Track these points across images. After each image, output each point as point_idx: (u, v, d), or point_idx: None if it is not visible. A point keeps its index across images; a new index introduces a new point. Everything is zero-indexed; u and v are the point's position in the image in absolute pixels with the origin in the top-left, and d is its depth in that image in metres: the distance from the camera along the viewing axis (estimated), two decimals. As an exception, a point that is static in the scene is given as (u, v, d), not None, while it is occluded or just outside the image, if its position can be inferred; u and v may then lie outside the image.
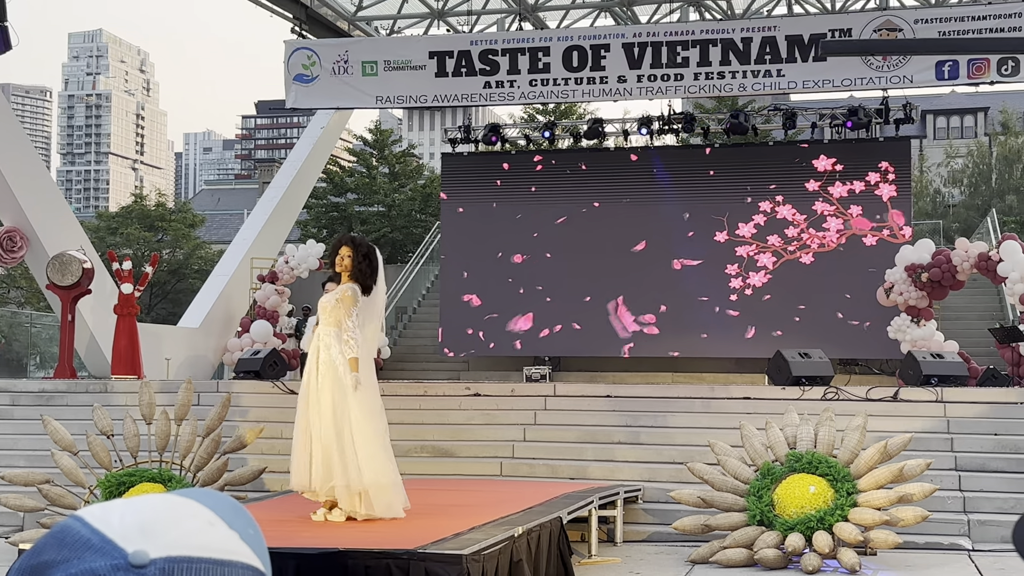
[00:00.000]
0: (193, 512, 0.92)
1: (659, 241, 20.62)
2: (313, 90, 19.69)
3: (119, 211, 45.17)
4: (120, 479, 9.39)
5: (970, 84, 18.23)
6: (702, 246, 20.46)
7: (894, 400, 12.25)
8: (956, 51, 16.44)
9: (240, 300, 20.94)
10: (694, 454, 10.61)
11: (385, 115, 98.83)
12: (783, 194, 20.22)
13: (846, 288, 19.56)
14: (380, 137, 39.09)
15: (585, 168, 21.36)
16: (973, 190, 44.43)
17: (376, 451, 7.57)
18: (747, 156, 21.10)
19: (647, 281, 20.58)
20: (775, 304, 20.01)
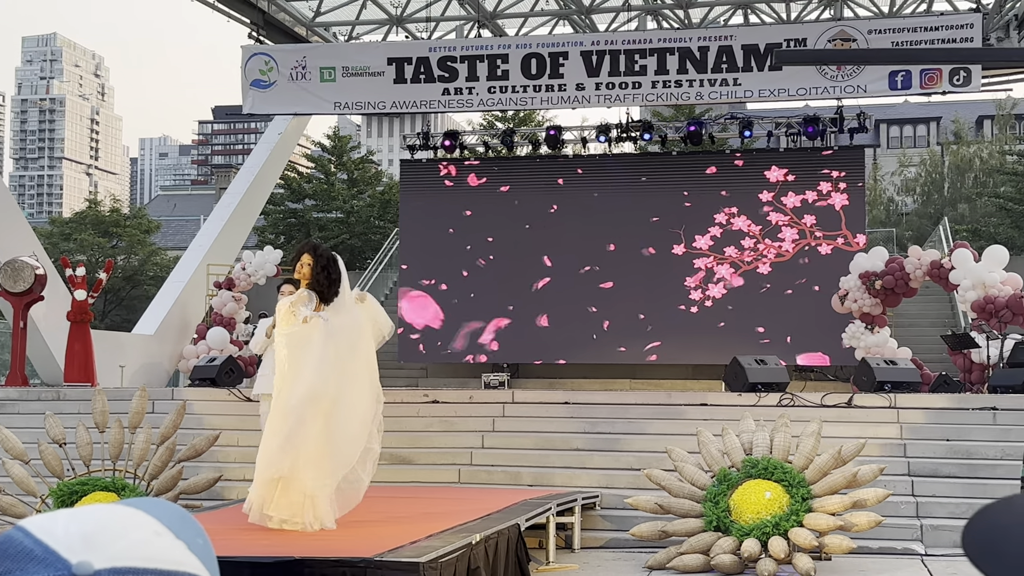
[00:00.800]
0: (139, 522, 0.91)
1: (619, 250, 20.68)
2: (270, 96, 19.59)
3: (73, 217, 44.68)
4: (72, 488, 9.27)
5: (922, 94, 18.48)
6: (661, 256, 20.55)
7: (848, 406, 12.35)
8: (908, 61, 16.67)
9: (196, 307, 20.77)
10: (651, 460, 10.64)
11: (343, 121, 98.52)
12: (737, 205, 20.38)
13: (802, 296, 19.73)
14: (338, 143, 38.95)
15: (543, 176, 21.40)
16: (926, 199, 45.04)
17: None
18: (704, 166, 21.19)
19: (607, 290, 20.64)
20: (734, 313, 20.15)
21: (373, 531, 7.35)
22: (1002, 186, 37.97)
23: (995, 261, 16.63)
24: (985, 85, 19.07)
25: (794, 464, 8.87)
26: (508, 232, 21.15)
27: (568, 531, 10.05)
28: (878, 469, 8.92)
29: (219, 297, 19.71)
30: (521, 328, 20.91)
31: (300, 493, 7.27)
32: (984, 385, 14.86)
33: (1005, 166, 39.30)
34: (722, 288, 20.33)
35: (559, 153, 22.22)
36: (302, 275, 7.68)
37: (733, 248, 20.37)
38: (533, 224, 21.09)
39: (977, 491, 10.48)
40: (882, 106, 52.76)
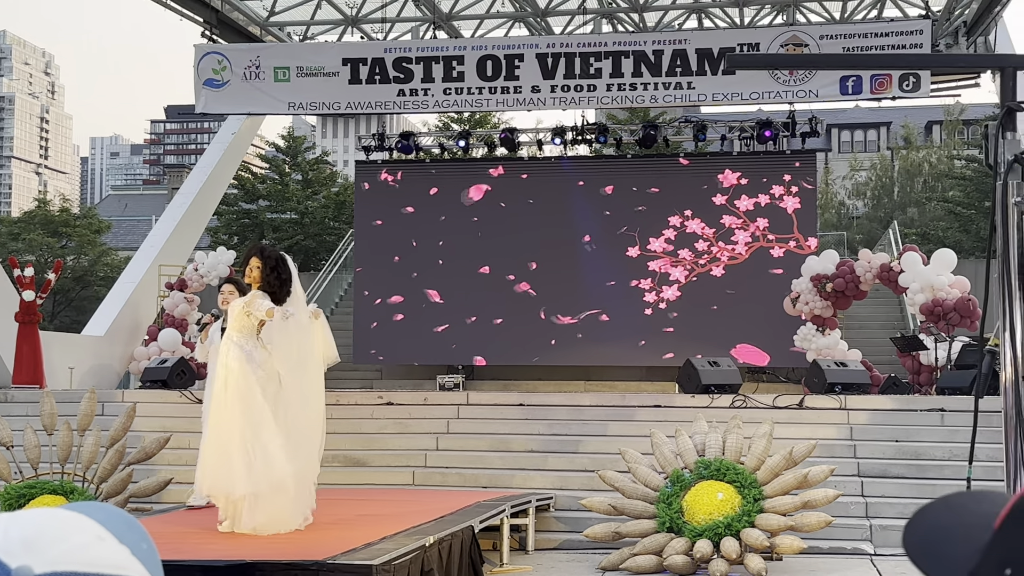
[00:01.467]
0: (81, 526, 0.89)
1: (574, 253, 20.73)
2: (224, 95, 19.43)
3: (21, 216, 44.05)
4: (20, 491, 9.13)
5: (873, 99, 18.72)
6: (616, 259, 20.63)
7: (799, 408, 12.46)
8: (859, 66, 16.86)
9: (147, 308, 20.54)
10: (605, 462, 10.67)
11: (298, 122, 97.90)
12: (692, 208, 20.51)
13: (754, 299, 19.89)
14: (293, 144, 38.71)
15: (499, 177, 21.40)
16: (876, 202, 45.58)
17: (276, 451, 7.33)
18: (658, 168, 21.32)
19: (562, 292, 20.69)
20: (688, 316, 20.26)
21: (326, 534, 7.31)
22: (950, 191, 38.52)
23: (943, 264, 16.86)
24: (934, 91, 19.34)
25: (746, 465, 8.94)
26: (464, 234, 21.13)
27: (522, 533, 10.06)
28: (828, 470, 9.01)
29: (171, 298, 19.51)
30: (476, 330, 20.90)
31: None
32: (932, 387, 15.06)
33: (953, 171, 39.88)
34: (675, 290, 20.45)
35: (515, 155, 22.24)
36: (252, 279, 7.61)
37: (687, 251, 20.49)
38: (489, 226, 21.08)
39: (925, 492, 10.61)
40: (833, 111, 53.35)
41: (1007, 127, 2.75)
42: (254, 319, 7.47)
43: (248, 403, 7.31)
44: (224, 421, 7.35)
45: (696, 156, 21.85)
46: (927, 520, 0.89)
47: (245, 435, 7.25)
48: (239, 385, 7.35)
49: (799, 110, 20.43)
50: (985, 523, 0.83)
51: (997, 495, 0.89)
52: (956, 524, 0.87)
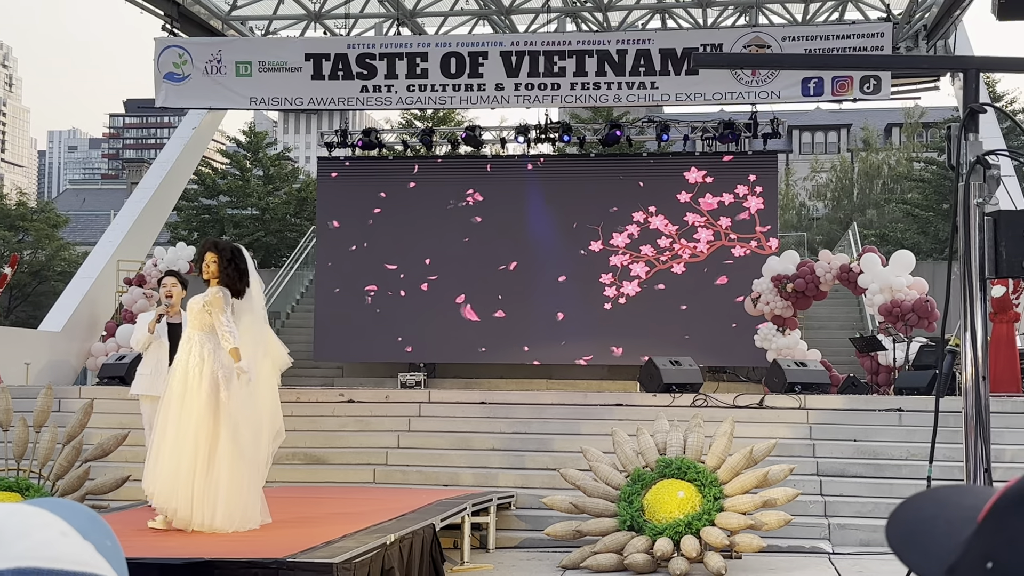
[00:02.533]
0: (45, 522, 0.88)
1: (536, 250, 20.77)
2: (184, 89, 19.27)
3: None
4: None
5: (834, 101, 18.87)
6: (577, 256, 20.69)
7: (760, 407, 12.53)
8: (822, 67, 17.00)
9: (105, 303, 20.34)
10: (567, 460, 10.68)
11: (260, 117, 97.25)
12: (656, 204, 20.60)
13: (715, 297, 20.02)
14: (254, 139, 38.48)
15: (462, 175, 21.39)
16: (836, 204, 46.02)
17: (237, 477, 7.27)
18: (622, 167, 21.43)
19: (522, 289, 20.71)
20: (648, 313, 20.36)
21: (285, 532, 7.26)
22: (909, 192, 38.95)
23: (902, 266, 17.05)
24: (894, 93, 19.54)
25: (707, 464, 8.99)
26: (426, 231, 21.10)
27: (483, 531, 10.05)
28: (788, 469, 9.08)
29: (129, 294, 19.32)
30: (438, 327, 20.87)
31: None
32: (890, 387, 15.22)
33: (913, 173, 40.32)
34: (636, 286, 20.52)
35: (478, 153, 22.23)
36: (210, 274, 7.53)
37: (649, 247, 20.57)
38: (451, 223, 21.06)
39: (883, 491, 10.72)
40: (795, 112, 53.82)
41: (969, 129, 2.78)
42: (214, 317, 7.39)
43: (205, 416, 7.21)
44: (183, 433, 7.21)
45: (659, 156, 21.94)
46: (910, 512, 0.89)
47: (198, 461, 7.15)
48: (199, 393, 7.25)
49: (761, 111, 20.58)
50: (969, 516, 0.84)
51: (981, 489, 0.90)
52: (939, 517, 0.87)
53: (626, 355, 20.01)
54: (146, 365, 9.22)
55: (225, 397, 7.28)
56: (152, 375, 9.12)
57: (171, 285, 9.32)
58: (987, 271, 2.65)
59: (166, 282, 9.39)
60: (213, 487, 7.18)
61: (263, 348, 7.65)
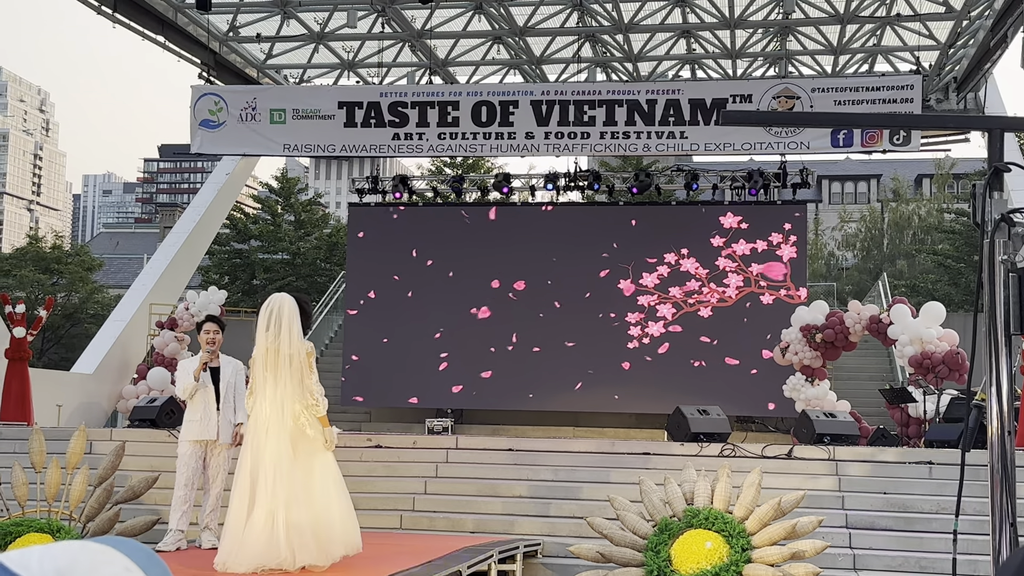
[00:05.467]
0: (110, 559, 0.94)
1: (566, 299, 20.79)
2: (219, 136, 19.55)
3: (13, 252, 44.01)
4: (6, 528, 9.08)
5: (864, 152, 18.91)
6: (608, 300, 20.68)
7: (788, 458, 12.47)
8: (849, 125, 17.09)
9: (137, 346, 20.51)
10: (594, 508, 10.65)
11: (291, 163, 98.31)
12: (688, 247, 20.59)
13: (743, 345, 19.94)
14: (286, 185, 38.87)
15: (493, 222, 21.51)
16: (866, 254, 45.83)
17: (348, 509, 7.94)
18: (653, 212, 21.49)
19: (553, 336, 20.72)
20: (674, 359, 20.29)
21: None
22: (940, 243, 38.77)
23: (932, 317, 16.96)
24: (924, 145, 19.58)
25: (734, 514, 8.94)
26: (455, 276, 21.20)
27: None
28: (817, 521, 9.02)
29: (161, 337, 19.49)
30: (465, 373, 20.90)
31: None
32: (920, 439, 15.09)
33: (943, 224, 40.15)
34: (661, 327, 20.47)
35: (507, 200, 22.38)
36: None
37: (678, 289, 20.55)
38: (479, 268, 21.15)
39: (913, 544, 10.62)
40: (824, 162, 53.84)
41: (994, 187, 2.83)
42: (307, 374, 7.70)
43: (334, 465, 7.86)
44: (288, 488, 7.52)
45: (688, 204, 21.98)
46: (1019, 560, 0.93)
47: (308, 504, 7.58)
48: (317, 444, 7.70)
49: (790, 161, 20.63)
50: None
51: None
52: None
53: (653, 402, 19.94)
54: (194, 411, 9.32)
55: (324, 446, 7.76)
56: (202, 421, 9.24)
57: (214, 332, 9.45)
58: (1012, 327, 2.68)
59: (208, 328, 9.49)
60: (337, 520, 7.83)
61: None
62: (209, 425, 9.21)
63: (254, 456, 7.54)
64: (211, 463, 9.34)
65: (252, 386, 7.74)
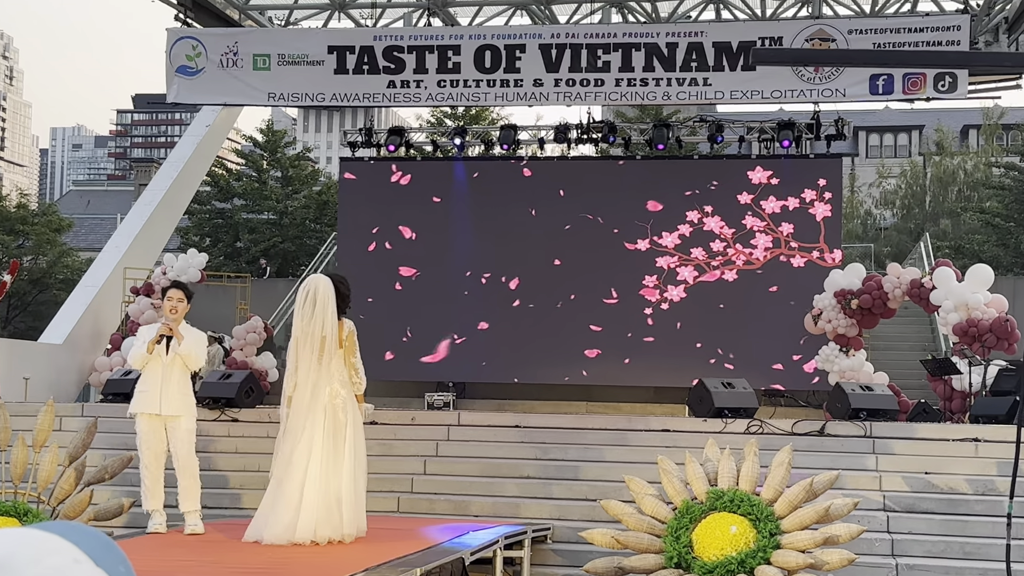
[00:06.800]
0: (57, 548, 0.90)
1: (577, 258, 20.73)
2: (198, 84, 19.44)
3: (-26, 212, 44.00)
4: (-31, 512, 9.11)
5: (905, 100, 18.76)
6: (624, 263, 20.61)
7: (820, 435, 12.48)
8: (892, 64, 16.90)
9: (111, 314, 20.53)
10: (608, 491, 10.66)
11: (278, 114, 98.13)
12: (712, 204, 20.49)
13: (772, 312, 19.89)
14: (272, 138, 38.77)
15: (496, 178, 21.42)
16: (906, 212, 45.66)
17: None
18: (674, 167, 21.36)
19: (562, 301, 20.67)
20: (696, 327, 20.24)
21: (305, 563, 7.31)
22: (987, 201, 38.60)
23: (979, 281, 16.89)
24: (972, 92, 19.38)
25: (762, 496, 8.94)
26: (456, 237, 21.14)
27: (517, 566, 10.05)
28: (852, 503, 9.01)
29: (136, 304, 19.49)
30: (468, 343, 20.89)
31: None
32: (965, 414, 15.07)
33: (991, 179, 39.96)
34: (682, 291, 20.41)
35: (513, 154, 22.27)
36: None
37: (700, 250, 20.46)
38: (483, 230, 21.09)
39: (956, 528, 10.62)
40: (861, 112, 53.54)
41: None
42: (352, 352, 8.81)
43: (355, 446, 8.63)
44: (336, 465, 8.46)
45: (712, 158, 21.87)
46: None
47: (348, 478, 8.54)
48: (347, 426, 8.55)
49: (824, 110, 20.48)
50: None
51: None
52: None
53: (673, 374, 19.93)
54: (145, 382, 9.27)
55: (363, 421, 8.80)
56: (155, 392, 9.17)
57: (177, 300, 9.32)
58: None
59: (172, 295, 9.36)
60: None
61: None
62: (166, 398, 9.14)
63: (293, 436, 8.37)
64: (172, 441, 9.26)
65: (291, 368, 8.56)
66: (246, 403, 14.66)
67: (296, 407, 8.44)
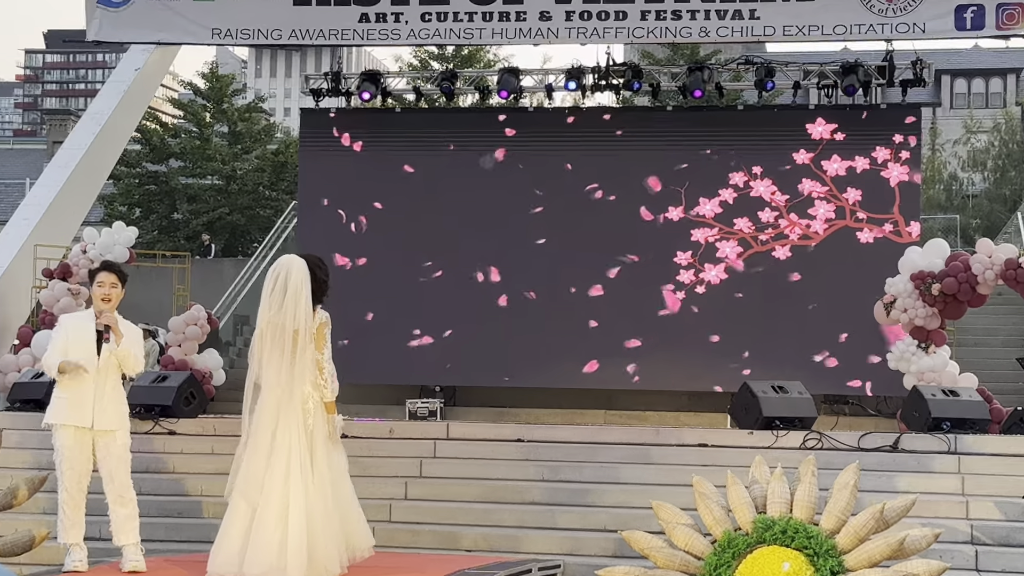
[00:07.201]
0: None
1: (594, 234, 20.69)
2: (125, 17, 19.39)
3: None
4: None
5: (999, 36, 18.67)
6: (651, 237, 20.57)
7: (894, 450, 12.47)
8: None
9: (18, 303, 20.52)
10: (632, 520, 10.65)
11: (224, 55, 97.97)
12: (761, 165, 20.42)
13: (834, 298, 19.86)
14: (217, 85, 38.70)
15: (492, 134, 21.37)
16: (999, 176, 45.62)
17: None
18: (713, 119, 21.27)
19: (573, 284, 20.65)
20: (740, 316, 20.19)
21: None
22: (1100, 162, 38.58)
23: (1090, 261, 16.85)
24: (1082, 27, 19.31)
25: (821, 526, 8.95)
26: (443, 208, 21.09)
27: (519, 612, 10.07)
28: (932, 534, 9.01)
29: (50, 290, 19.48)
30: (459, 338, 20.86)
31: None
32: (1072, 425, 15.07)
33: (1104, 135, 39.92)
34: (722, 271, 20.34)
35: (515, 105, 22.21)
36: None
37: (746, 221, 20.39)
38: (476, 197, 21.04)
39: (1061, 565, 10.63)
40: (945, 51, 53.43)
41: None
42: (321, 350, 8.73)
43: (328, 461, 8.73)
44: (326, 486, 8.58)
45: (760, 109, 21.80)
46: None
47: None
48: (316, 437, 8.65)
49: (899, 50, 20.43)
50: None
51: None
52: None
53: (711, 375, 19.91)
54: (70, 387, 9.13)
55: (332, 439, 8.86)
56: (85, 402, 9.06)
57: (110, 285, 9.23)
58: None
59: (103, 279, 9.26)
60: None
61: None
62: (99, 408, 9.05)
63: (261, 449, 8.31)
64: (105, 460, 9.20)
65: (255, 368, 8.47)
66: (185, 412, 14.64)
67: (262, 416, 8.35)
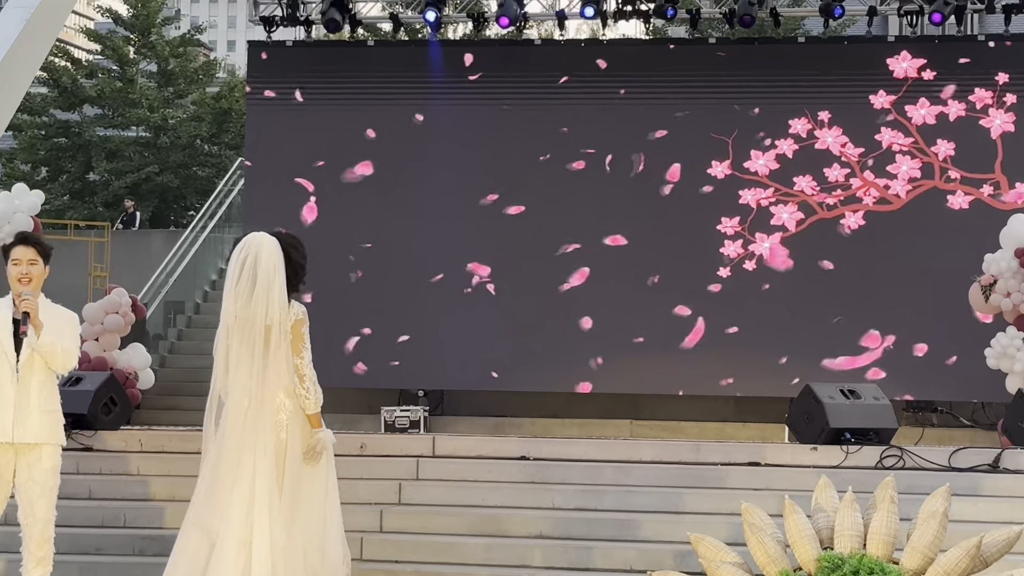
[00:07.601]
0: None
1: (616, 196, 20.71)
2: (27, -74, 19.43)
3: None
4: None
5: None
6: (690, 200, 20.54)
7: (993, 470, 12.47)
8: None
9: None
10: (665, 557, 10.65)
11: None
12: (829, 110, 20.34)
13: (919, 277, 19.85)
14: (143, 12, 38.69)
15: (490, 75, 21.36)
16: None
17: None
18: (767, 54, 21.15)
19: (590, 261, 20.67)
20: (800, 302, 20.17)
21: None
22: None
23: None
24: None
25: (903, 565, 8.96)
26: (427, 163, 21.09)
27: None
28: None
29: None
30: (448, 330, 20.87)
31: None
32: None
33: None
34: (778, 242, 20.24)
35: (519, 37, 22.20)
36: None
37: (808, 179, 20.32)
38: (470, 151, 21.05)
39: None
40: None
41: None
42: (299, 349, 8.93)
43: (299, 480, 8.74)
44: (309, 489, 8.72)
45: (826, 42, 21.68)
46: None
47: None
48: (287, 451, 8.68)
49: (1001, -33, 20.44)
50: None
51: None
52: None
53: (763, 376, 19.90)
54: None
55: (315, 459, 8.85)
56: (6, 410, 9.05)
57: (28, 261, 9.17)
58: None
59: (19, 255, 9.17)
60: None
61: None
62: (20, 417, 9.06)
63: (224, 464, 8.36)
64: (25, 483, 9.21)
65: (220, 370, 8.53)
66: (105, 423, 14.62)
67: (229, 428, 8.40)
